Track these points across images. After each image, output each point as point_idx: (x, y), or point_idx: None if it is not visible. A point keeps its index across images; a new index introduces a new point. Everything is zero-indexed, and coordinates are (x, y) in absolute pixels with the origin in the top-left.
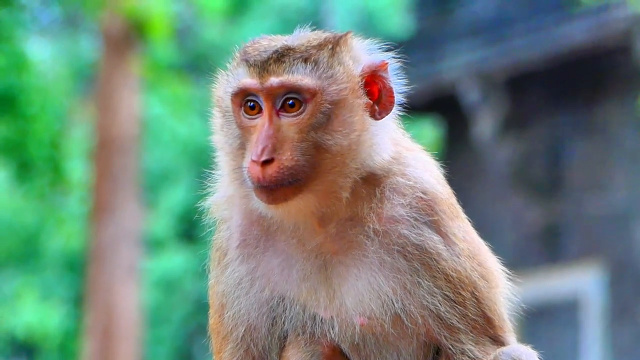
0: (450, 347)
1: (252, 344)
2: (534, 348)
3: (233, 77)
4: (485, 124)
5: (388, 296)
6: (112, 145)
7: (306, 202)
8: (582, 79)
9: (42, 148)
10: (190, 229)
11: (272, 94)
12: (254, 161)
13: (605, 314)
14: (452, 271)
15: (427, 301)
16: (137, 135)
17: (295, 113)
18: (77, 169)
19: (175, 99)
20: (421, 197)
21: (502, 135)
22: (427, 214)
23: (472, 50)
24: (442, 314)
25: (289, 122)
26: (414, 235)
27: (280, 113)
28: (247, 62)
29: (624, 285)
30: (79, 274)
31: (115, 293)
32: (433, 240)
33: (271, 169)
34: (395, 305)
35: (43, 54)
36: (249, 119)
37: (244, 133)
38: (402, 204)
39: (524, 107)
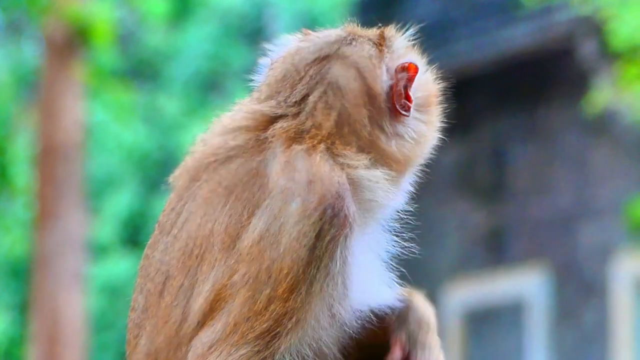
0: None
1: None
2: (479, 351)
3: None
4: None
5: None
6: (55, 152)
7: None
8: (525, 82)
9: None
10: (135, 235)
11: None
12: None
13: (549, 316)
14: None
15: None
16: (81, 141)
17: None
18: (22, 175)
19: (119, 105)
20: None
21: (446, 138)
22: None
23: None
24: None
25: None
26: None
27: None
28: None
29: (568, 288)
30: (24, 281)
31: (60, 299)
32: None
33: None
34: None
35: None
36: None
37: None
38: None
39: (468, 111)
